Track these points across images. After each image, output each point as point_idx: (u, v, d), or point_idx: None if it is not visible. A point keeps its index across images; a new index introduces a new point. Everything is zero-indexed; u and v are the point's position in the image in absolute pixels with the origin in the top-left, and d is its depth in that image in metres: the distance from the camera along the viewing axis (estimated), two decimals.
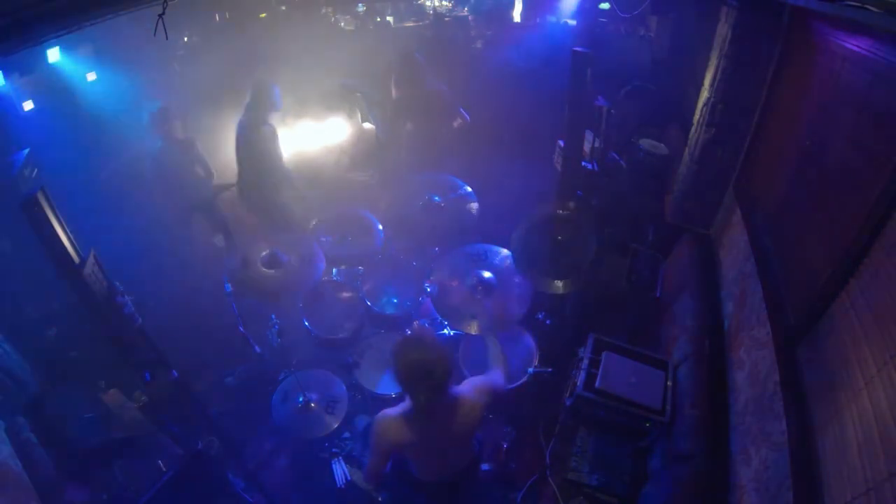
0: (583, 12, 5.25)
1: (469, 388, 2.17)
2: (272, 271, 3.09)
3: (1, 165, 3.57)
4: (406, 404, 2.09)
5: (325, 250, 3.31)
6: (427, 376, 1.94)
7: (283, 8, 6.07)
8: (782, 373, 1.98)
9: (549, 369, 2.95)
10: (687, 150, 3.52)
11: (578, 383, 2.64)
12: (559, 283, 2.90)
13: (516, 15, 5.98)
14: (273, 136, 3.97)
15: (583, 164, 3.23)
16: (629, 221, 4.08)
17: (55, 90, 3.89)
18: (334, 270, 3.62)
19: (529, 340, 3.16)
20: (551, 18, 5.67)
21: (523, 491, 2.88)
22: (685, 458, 2.29)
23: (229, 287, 3.07)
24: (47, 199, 1.73)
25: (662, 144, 4.21)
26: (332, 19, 6.29)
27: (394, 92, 4.05)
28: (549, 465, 2.87)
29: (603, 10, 5.02)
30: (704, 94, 3.24)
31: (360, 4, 6.38)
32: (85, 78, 4.08)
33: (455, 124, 4.21)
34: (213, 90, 4.60)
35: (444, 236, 3.49)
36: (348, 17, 6.35)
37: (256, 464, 3.13)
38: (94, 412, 2.96)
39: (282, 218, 4.11)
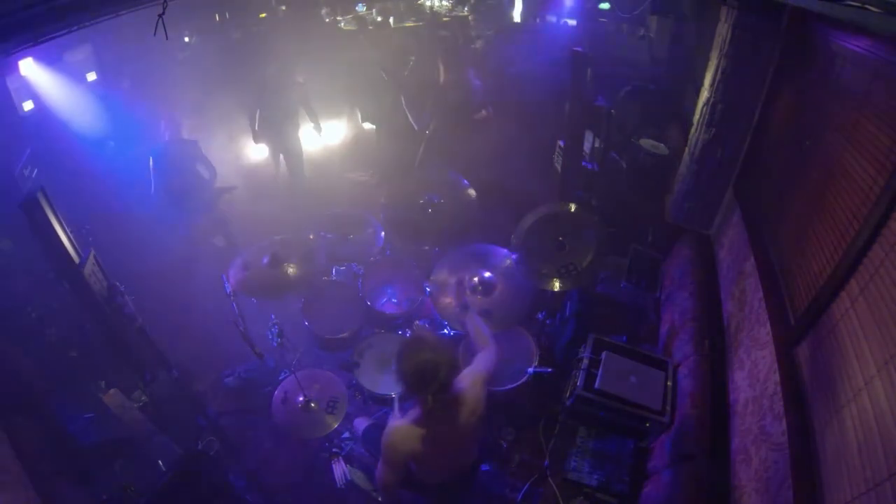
0: (583, 12, 5.25)
1: (466, 383, 2.16)
2: (272, 271, 3.09)
3: (1, 165, 3.57)
4: (415, 412, 2.05)
5: (326, 248, 3.31)
6: (436, 375, 1.92)
7: (283, 8, 6.07)
8: (782, 373, 1.98)
9: (549, 369, 2.95)
10: (687, 150, 3.52)
11: (578, 383, 2.64)
12: (559, 283, 2.90)
13: (516, 15, 5.98)
14: None
15: (583, 164, 3.24)
16: (629, 221, 4.08)
17: None
18: (334, 270, 3.61)
19: (529, 340, 3.15)
20: (551, 18, 5.67)
21: (523, 491, 2.88)
22: (685, 458, 2.29)
23: (229, 287, 3.07)
24: (47, 199, 1.72)
25: (662, 144, 4.21)
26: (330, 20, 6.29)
27: (441, 74, 4.20)
28: (549, 465, 2.87)
29: (603, 10, 5.03)
30: (704, 94, 3.24)
31: (360, 4, 6.38)
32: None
33: (478, 116, 4.27)
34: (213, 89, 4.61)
35: (445, 236, 3.49)
36: (349, 17, 6.35)
37: (256, 464, 3.13)
38: (94, 412, 2.95)
39: None
